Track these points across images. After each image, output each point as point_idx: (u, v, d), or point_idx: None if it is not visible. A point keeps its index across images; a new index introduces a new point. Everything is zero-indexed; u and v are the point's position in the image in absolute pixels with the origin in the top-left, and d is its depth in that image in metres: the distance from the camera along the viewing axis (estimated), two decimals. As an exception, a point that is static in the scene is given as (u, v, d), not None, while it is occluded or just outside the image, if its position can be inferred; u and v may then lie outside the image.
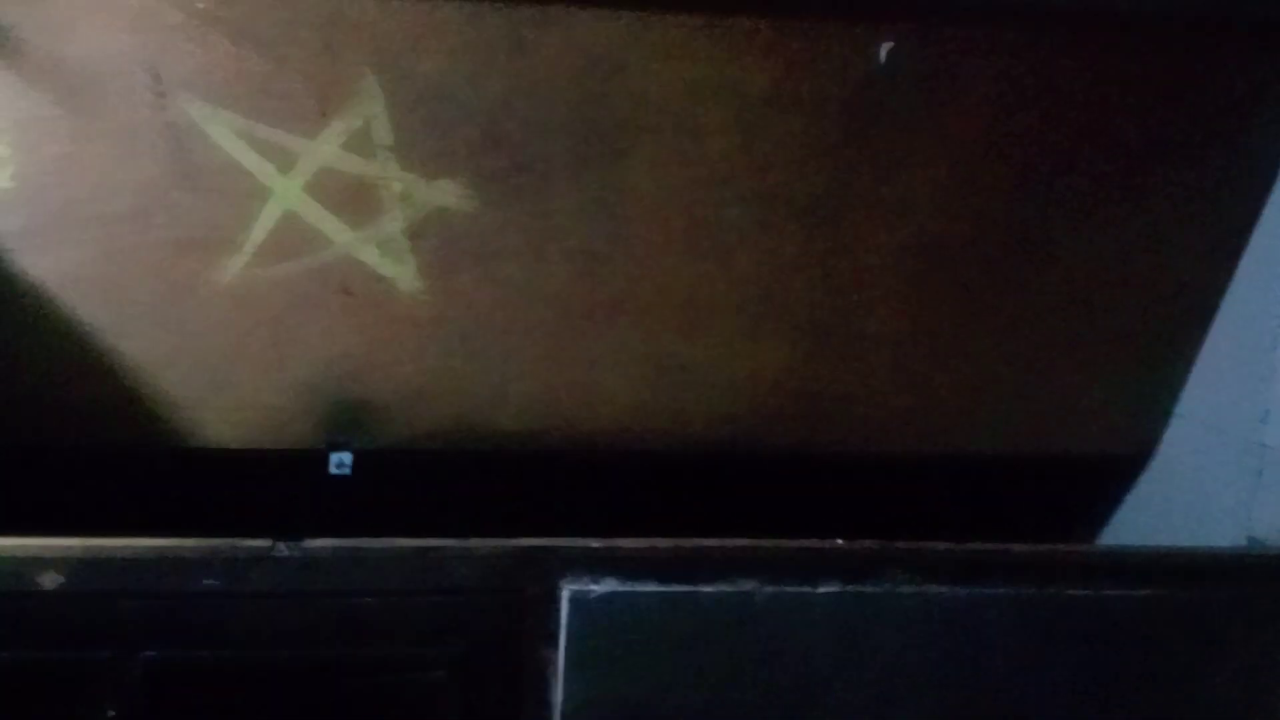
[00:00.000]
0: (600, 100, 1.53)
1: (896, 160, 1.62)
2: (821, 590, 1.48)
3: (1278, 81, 1.61)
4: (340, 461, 1.82)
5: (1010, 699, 1.49)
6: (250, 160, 1.56)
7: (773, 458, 1.83)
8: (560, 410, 1.79)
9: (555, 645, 1.44)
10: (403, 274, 1.67)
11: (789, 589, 1.48)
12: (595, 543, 1.47)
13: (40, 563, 1.32)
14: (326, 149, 1.56)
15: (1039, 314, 1.77)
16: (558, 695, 1.43)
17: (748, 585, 1.48)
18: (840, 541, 1.53)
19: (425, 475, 1.81)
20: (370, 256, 1.65)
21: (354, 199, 1.60)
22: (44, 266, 1.61)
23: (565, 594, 1.44)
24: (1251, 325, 1.69)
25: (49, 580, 1.32)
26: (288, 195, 1.59)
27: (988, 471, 1.85)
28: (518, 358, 1.74)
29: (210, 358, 1.71)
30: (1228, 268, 1.74)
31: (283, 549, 1.37)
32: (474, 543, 1.44)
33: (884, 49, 1.51)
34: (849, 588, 1.49)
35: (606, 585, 1.45)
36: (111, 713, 1.33)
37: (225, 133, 1.54)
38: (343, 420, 1.81)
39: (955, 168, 1.64)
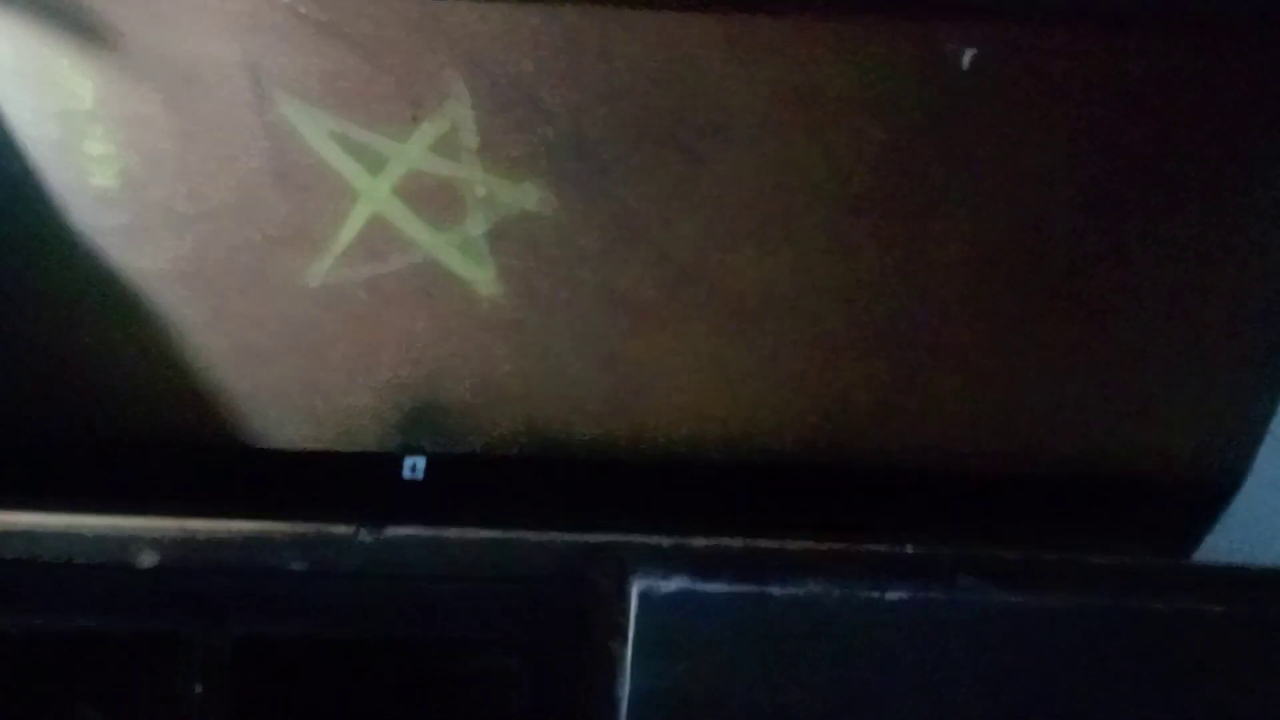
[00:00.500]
0: (681, 104, 1.56)
1: (978, 166, 1.62)
2: (890, 595, 1.48)
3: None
4: (414, 465, 1.85)
5: (1083, 711, 1.47)
6: (342, 162, 1.62)
7: (848, 469, 1.81)
8: (633, 417, 1.80)
9: (624, 639, 1.45)
10: (482, 277, 1.71)
11: (859, 593, 1.48)
12: (666, 540, 1.49)
13: (137, 541, 1.38)
14: (415, 151, 1.61)
15: (1127, 327, 1.73)
16: (624, 688, 1.45)
17: (817, 588, 1.48)
18: (911, 548, 1.53)
19: (497, 481, 1.83)
20: (452, 259, 1.69)
21: (439, 202, 1.64)
22: (141, 263, 1.67)
23: (635, 589, 1.46)
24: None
25: (146, 558, 1.38)
26: (376, 197, 1.64)
27: (1071, 492, 1.82)
28: (592, 363, 1.76)
29: (293, 358, 1.75)
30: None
31: (365, 534, 1.41)
32: (548, 535, 1.47)
33: (967, 55, 1.52)
34: (919, 593, 1.48)
35: (676, 582, 1.47)
36: (198, 687, 1.38)
37: (319, 134, 1.60)
38: (418, 424, 1.85)
39: (1040, 174, 1.63)
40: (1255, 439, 1.77)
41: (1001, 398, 1.78)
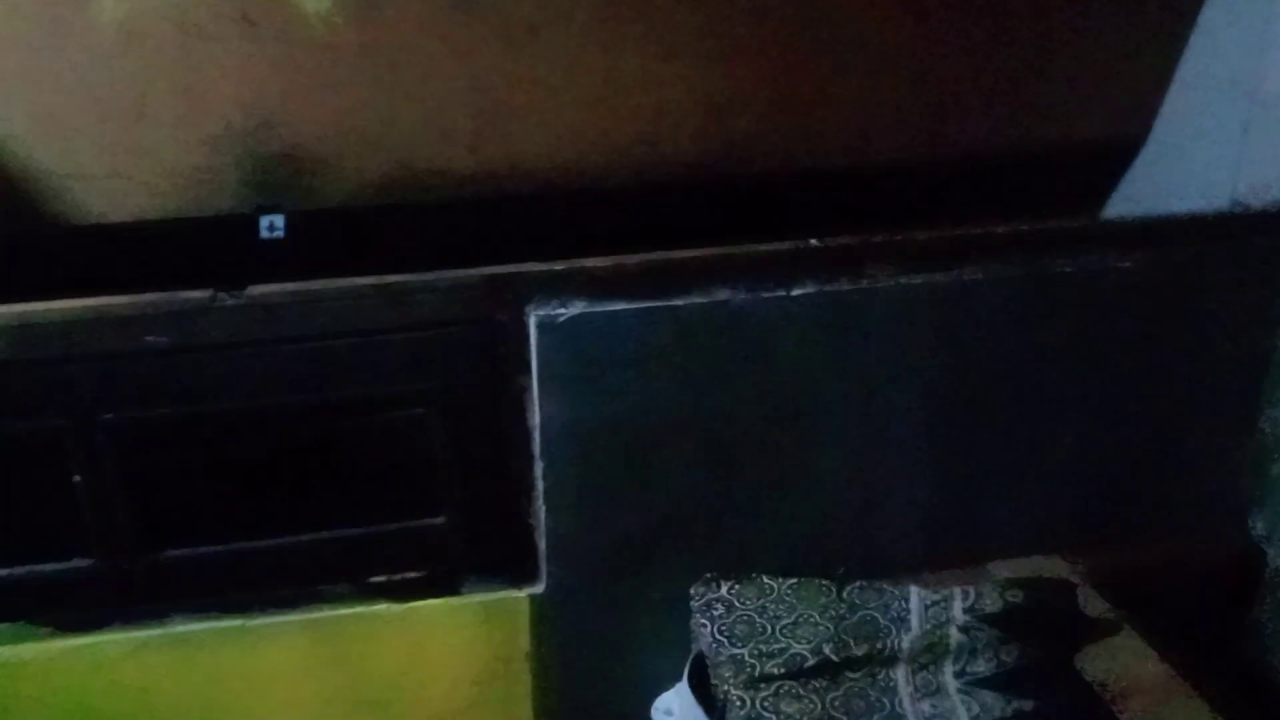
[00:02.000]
0: None
1: None
2: (798, 291, 1.44)
3: None
4: (271, 224, 1.68)
5: (1002, 378, 1.50)
6: None
7: (753, 176, 1.70)
8: (513, 142, 1.64)
9: (528, 370, 1.39)
10: (308, -8, 1.48)
11: (765, 294, 1.43)
12: (561, 265, 1.40)
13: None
14: None
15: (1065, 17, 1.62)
16: (535, 418, 1.40)
17: (722, 294, 1.43)
18: (815, 241, 1.47)
19: (368, 231, 1.67)
20: (267, -28, 1.45)
21: (236, -106, 1.38)
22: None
23: (533, 319, 1.38)
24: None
25: (-28, 353, 1.22)
26: (159, -105, 1.37)
27: (983, 170, 1.76)
28: (458, 85, 1.57)
29: (105, 117, 1.52)
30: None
31: (225, 298, 1.28)
32: (434, 275, 1.37)
33: None
34: (829, 285, 1.44)
35: (575, 307, 1.40)
36: (77, 478, 1.27)
37: None
38: (268, 178, 1.66)
39: None
40: (1157, 96, 1.73)
41: (901, 83, 1.66)
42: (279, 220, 1.70)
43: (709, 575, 1.50)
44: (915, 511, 1.54)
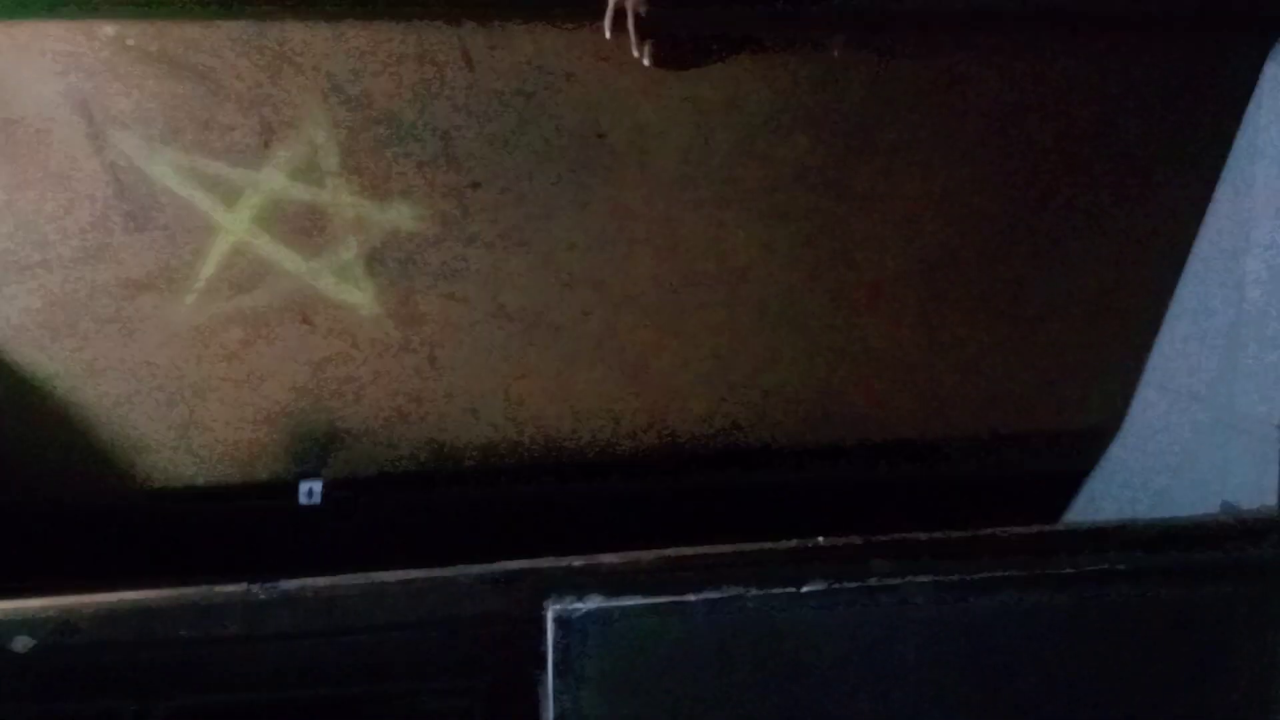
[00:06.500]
0: (552, 111, 1.51)
1: (900, 171, 1.61)
2: (807, 589, 1.48)
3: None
4: (310, 490, 1.80)
5: (1000, 676, 1.50)
6: (194, 196, 1.52)
7: (764, 475, 1.82)
8: (535, 428, 1.77)
9: (543, 665, 1.42)
10: (361, 300, 1.64)
11: (775, 590, 1.47)
12: (578, 560, 1.45)
13: (9, 625, 1.29)
14: (272, 179, 1.53)
15: (1044, 319, 1.77)
16: (549, 714, 1.42)
17: (733, 590, 1.47)
18: (822, 539, 1.53)
19: (399, 500, 1.79)
20: (327, 285, 1.62)
21: (305, 228, 1.57)
22: (-9, 320, 1.57)
23: (550, 614, 1.43)
24: (1214, 292, 1.69)
25: (20, 644, 1.29)
26: (236, 229, 1.56)
27: (961, 470, 1.86)
28: (487, 377, 1.72)
29: (171, 399, 1.68)
30: (1188, 236, 1.74)
31: (257, 592, 1.35)
32: (452, 571, 1.42)
33: (836, 45, 1.48)
34: (835, 583, 1.48)
35: (591, 602, 1.44)
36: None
37: (166, 170, 1.50)
38: (310, 450, 1.78)
39: (959, 177, 1.63)
40: (1119, 411, 1.83)
41: (903, 389, 1.79)
42: (317, 486, 1.81)
43: None
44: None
